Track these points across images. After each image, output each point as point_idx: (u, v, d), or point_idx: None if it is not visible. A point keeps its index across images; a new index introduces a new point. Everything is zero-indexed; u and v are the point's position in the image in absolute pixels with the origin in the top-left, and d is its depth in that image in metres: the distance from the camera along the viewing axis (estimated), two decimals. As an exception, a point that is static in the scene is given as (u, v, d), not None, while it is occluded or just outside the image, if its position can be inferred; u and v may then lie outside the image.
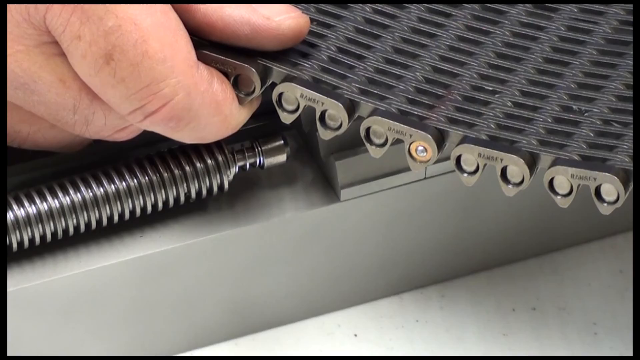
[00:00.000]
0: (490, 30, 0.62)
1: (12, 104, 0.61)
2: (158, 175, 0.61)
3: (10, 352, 0.64)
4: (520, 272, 0.67)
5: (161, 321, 0.63)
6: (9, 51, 0.59)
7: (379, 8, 0.63)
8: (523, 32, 0.62)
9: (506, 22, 0.63)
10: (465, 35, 0.62)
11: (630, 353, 0.67)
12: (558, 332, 0.65)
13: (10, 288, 0.62)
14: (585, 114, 0.58)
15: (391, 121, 0.57)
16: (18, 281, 0.62)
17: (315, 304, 0.65)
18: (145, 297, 0.63)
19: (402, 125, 0.57)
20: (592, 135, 0.57)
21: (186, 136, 0.59)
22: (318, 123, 0.59)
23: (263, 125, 0.62)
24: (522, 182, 0.56)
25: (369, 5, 0.63)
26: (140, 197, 0.61)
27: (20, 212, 0.60)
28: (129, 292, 0.62)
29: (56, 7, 0.57)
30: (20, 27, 0.58)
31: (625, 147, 0.57)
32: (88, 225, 0.61)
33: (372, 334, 0.65)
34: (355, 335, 0.65)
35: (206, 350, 0.66)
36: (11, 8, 0.58)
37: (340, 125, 0.58)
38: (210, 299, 0.64)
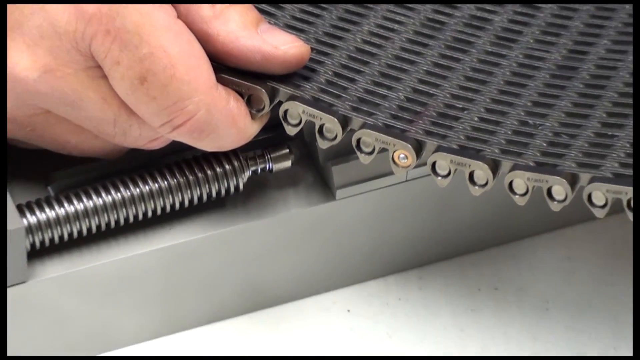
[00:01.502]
0: (460, 58, 0.62)
1: (62, 117, 0.60)
2: (184, 178, 0.61)
3: (60, 329, 0.62)
4: (485, 258, 0.67)
5: (187, 299, 0.63)
6: (60, 74, 0.58)
7: (368, 39, 0.62)
8: (488, 60, 0.62)
9: (474, 50, 0.63)
10: (439, 62, 0.62)
11: (575, 325, 0.65)
12: (516, 308, 0.65)
13: (63, 272, 0.60)
14: (539, 127, 0.58)
15: (378, 133, 0.57)
16: (69, 266, 0.61)
17: (315, 284, 0.65)
18: (174, 279, 0.62)
19: (386, 136, 0.57)
20: (544, 145, 0.57)
21: (207, 145, 0.59)
22: (317, 135, 0.59)
23: (271, 136, 0.62)
24: (486, 184, 0.56)
25: (359, 36, 0.62)
26: (170, 196, 0.61)
27: (70, 209, 0.59)
28: (160, 275, 0.62)
29: (99, 37, 0.57)
30: (70, 54, 0.57)
31: (572, 155, 0.57)
32: (126, 219, 0.60)
33: (362, 309, 0.65)
34: (348, 310, 0.65)
35: (224, 323, 0.65)
36: (62, 37, 0.57)
37: (336, 137, 0.58)
38: (228, 281, 0.63)
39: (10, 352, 0.62)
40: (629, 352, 0.65)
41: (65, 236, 0.60)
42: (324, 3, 0.66)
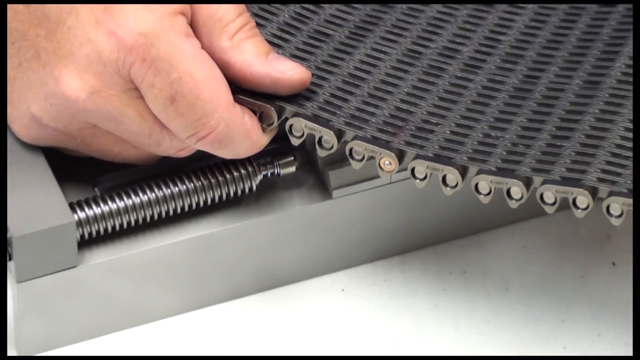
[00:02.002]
0: (435, 82, 0.62)
1: (106, 131, 0.60)
2: (207, 180, 0.61)
3: (103, 306, 0.62)
4: (455, 247, 0.67)
5: (209, 280, 0.63)
6: (104, 94, 0.58)
7: (359, 66, 0.62)
8: (457, 83, 0.63)
9: (446, 76, 0.63)
10: (417, 85, 0.62)
11: (530, 301, 0.65)
12: (481, 288, 0.65)
13: (107, 258, 0.60)
14: (500, 139, 0.59)
15: (367, 144, 0.58)
16: (112, 253, 0.61)
17: (315, 268, 0.65)
18: (199, 264, 0.63)
19: (374, 146, 0.58)
20: (504, 153, 0.58)
21: (226, 154, 0.60)
22: (317, 145, 0.59)
23: (279, 146, 0.62)
24: (456, 185, 0.57)
25: (352, 64, 0.62)
26: (195, 195, 0.61)
27: (113, 206, 0.60)
28: (187, 260, 0.62)
29: (137, 65, 0.57)
30: (113, 78, 0.57)
31: (527, 161, 0.57)
32: (159, 214, 0.61)
33: (354, 289, 0.65)
34: (343, 290, 0.65)
35: (240, 301, 0.64)
36: (107, 65, 0.57)
37: (332, 147, 0.59)
38: (242, 266, 0.64)
39: (62, 328, 0.62)
40: (574, 325, 0.64)
41: (109, 229, 0.60)
42: (318, 3, 0.66)
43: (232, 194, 0.62)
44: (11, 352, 0.62)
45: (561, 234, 0.68)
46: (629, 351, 0.63)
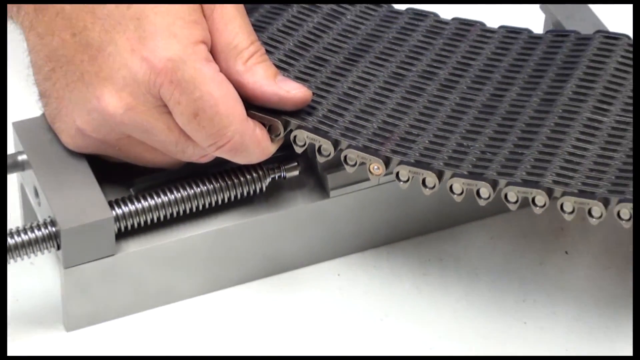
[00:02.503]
0: (416, 99, 0.63)
1: (140, 141, 0.59)
2: (225, 182, 0.61)
3: (136, 288, 0.62)
4: (433, 238, 0.67)
5: (225, 267, 0.63)
6: (138, 110, 0.58)
7: (352, 87, 0.62)
8: (435, 101, 0.63)
9: (425, 94, 0.63)
10: (401, 102, 0.62)
11: (495, 284, 0.64)
12: (453, 272, 0.65)
13: (140, 248, 0.60)
14: (470, 148, 0.59)
15: (358, 152, 0.58)
16: (145, 243, 0.60)
17: (314, 256, 0.65)
18: (217, 252, 0.63)
19: (365, 154, 0.58)
20: (474, 160, 0.58)
21: (240, 160, 0.60)
22: (317, 153, 0.60)
23: (285, 154, 0.62)
24: (434, 187, 0.58)
25: (346, 85, 0.62)
26: (215, 195, 0.61)
27: (145, 204, 0.60)
28: (208, 249, 0.62)
29: (166, 85, 0.56)
30: (145, 96, 0.57)
31: (493, 167, 0.58)
32: (184, 211, 0.61)
33: (347, 273, 0.65)
34: (338, 274, 0.65)
35: (251, 284, 0.64)
36: (140, 85, 0.57)
37: (330, 154, 0.59)
38: (253, 254, 0.64)
39: (101, 307, 0.61)
40: (534, 304, 0.64)
41: (142, 223, 0.60)
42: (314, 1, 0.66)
43: (245, 193, 0.62)
44: (59, 329, 0.62)
45: (522, 227, 0.67)
46: (580, 326, 0.63)
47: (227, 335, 0.62)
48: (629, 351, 0.61)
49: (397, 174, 0.58)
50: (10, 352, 0.60)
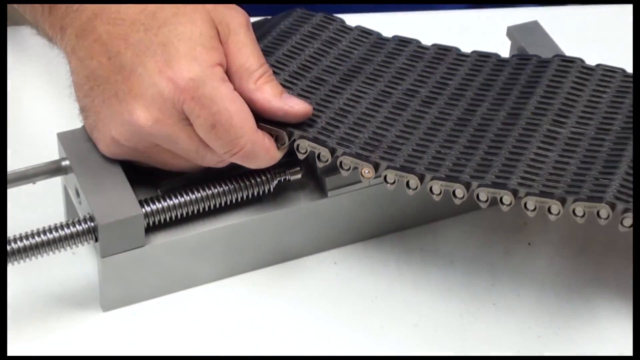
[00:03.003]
0: (401, 113, 0.62)
1: (166, 149, 0.59)
2: (239, 184, 0.61)
3: (162, 274, 0.61)
4: (415, 232, 0.66)
5: (239, 256, 0.63)
6: (165, 123, 0.57)
7: (346, 102, 0.62)
8: (417, 115, 0.63)
9: (409, 109, 0.63)
10: (388, 116, 0.62)
11: (468, 271, 0.64)
12: (434, 262, 0.65)
13: (166, 240, 0.60)
14: (447, 155, 0.59)
15: (352, 158, 0.59)
16: (170, 236, 0.60)
17: (314, 247, 0.65)
18: (232, 244, 0.62)
19: (357, 160, 0.58)
20: (450, 165, 0.58)
21: (251, 165, 0.59)
22: (316, 159, 0.59)
23: (289, 160, 0.61)
24: (416, 188, 0.58)
25: (341, 101, 0.62)
26: (230, 194, 0.61)
27: (170, 202, 0.60)
28: (224, 240, 0.62)
29: (188, 101, 0.56)
30: (170, 111, 0.57)
31: (467, 171, 0.58)
32: (203, 208, 0.61)
33: (342, 262, 0.65)
34: (335, 263, 0.64)
35: (260, 271, 0.64)
36: (166, 101, 0.57)
37: (327, 160, 0.59)
38: (262, 245, 0.63)
39: (132, 290, 0.61)
40: (501, 288, 0.63)
41: (168, 219, 0.60)
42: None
43: (255, 194, 0.62)
44: (97, 309, 0.61)
45: (491, 222, 0.67)
46: (541, 306, 0.62)
47: (241, 314, 0.62)
48: (581, 328, 0.61)
49: (385, 177, 0.58)
50: (54, 330, 0.60)
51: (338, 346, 0.60)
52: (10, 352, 0.58)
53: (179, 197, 0.60)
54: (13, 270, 0.59)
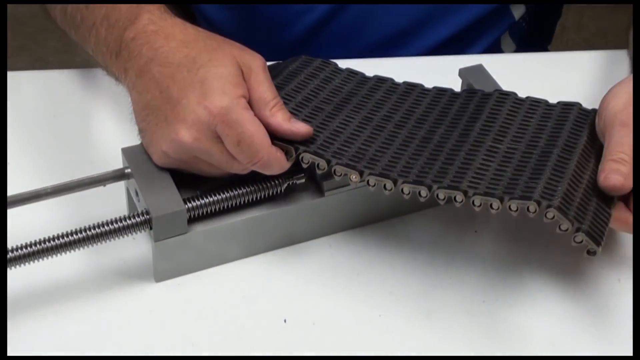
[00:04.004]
0: (380, 134, 0.62)
1: (203, 159, 0.58)
2: (258, 186, 0.61)
3: (199, 254, 0.60)
4: (392, 223, 0.65)
5: (258, 240, 0.63)
6: (202, 140, 0.56)
7: (339, 126, 0.62)
8: (392, 135, 0.62)
9: (386, 130, 0.63)
10: (370, 136, 0.62)
11: (434, 260, 0.62)
12: (406, 245, 0.64)
13: (203, 228, 0.59)
14: (415, 164, 0.59)
15: (343, 167, 0.58)
16: (206, 226, 0.60)
17: (313, 234, 0.64)
18: (253, 231, 0.62)
19: (347, 169, 0.58)
20: (417, 172, 0.59)
21: (267, 172, 0.59)
22: (316, 168, 0.59)
23: (295, 168, 0.61)
24: (391, 189, 0.58)
25: (336, 124, 0.62)
26: (251, 194, 0.61)
27: (207, 200, 0.59)
28: (245, 229, 0.62)
29: (220, 124, 0.56)
30: (206, 132, 0.57)
31: (430, 176, 0.58)
32: (231, 205, 0.60)
33: (336, 245, 0.64)
34: (330, 246, 0.64)
35: (271, 252, 0.62)
36: (203, 124, 0.56)
37: (324, 168, 0.59)
38: (275, 233, 0.63)
39: (178, 266, 0.60)
40: (457, 267, 0.62)
41: (205, 212, 0.60)
42: None
43: (270, 194, 0.61)
44: (151, 280, 0.61)
45: (447, 216, 0.66)
46: (486, 280, 0.61)
47: (258, 285, 0.62)
48: (515, 295, 0.61)
49: (368, 181, 0.58)
50: (118, 295, 0.59)
51: (333, 308, 0.60)
52: (87, 314, 0.57)
53: (213, 196, 0.60)
54: (89, 251, 0.59)
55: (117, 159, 0.62)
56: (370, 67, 0.70)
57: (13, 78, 0.73)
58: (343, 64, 0.70)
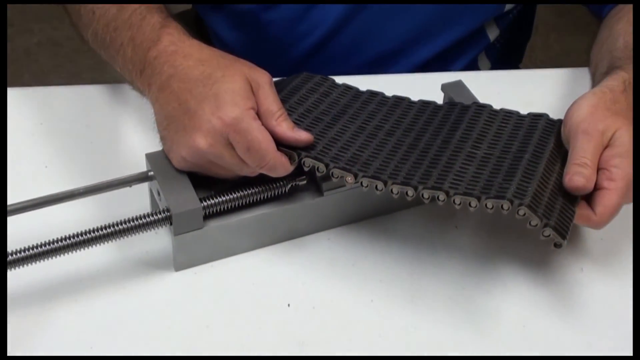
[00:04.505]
0: (371, 141, 0.62)
1: (216, 163, 0.57)
2: (265, 187, 0.60)
3: (214, 247, 0.60)
4: (381, 219, 0.65)
5: (265, 234, 0.62)
6: (216, 146, 0.56)
7: (336, 134, 0.62)
8: (382, 142, 0.62)
9: (377, 139, 0.62)
10: (363, 143, 0.62)
11: (417, 254, 0.62)
12: (392, 238, 0.64)
13: (217, 224, 0.59)
14: (402, 168, 0.59)
15: (340, 170, 0.58)
16: (219, 221, 0.59)
17: (314, 229, 0.64)
18: (261, 226, 0.61)
19: (343, 171, 0.58)
20: (405, 175, 0.58)
21: (273, 175, 0.58)
22: (316, 171, 0.59)
23: (298, 171, 0.61)
24: (382, 190, 0.57)
25: (333, 133, 0.62)
26: (259, 194, 0.60)
27: (220, 199, 0.59)
28: (255, 225, 0.61)
29: (231, 133, 0.56)
30: (220, 139, 0.56)
31: (415, 178, 0.57)
32: (242, 203, 0.60)
33: (333, 239, 0.63)
34: (328, 239, 0.63)
35: (277, 245, 0.62)
36: (217, 132, 0.55)
37: (323, 171, 0.59)
38: (280, 227, 0.62)
39: (194, 257, 0.59)
40: (439, 256, 0.62)
41: (218, 210, 0.59)
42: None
43: (276, 194, 0.61)
44: (171, 270, 0.60)
45: (430, 213, 0.66)
46: (465, 267, 0.61)
47: (265, 274, 0.61)
48: (491, 281, 0.61)
49: (361, 182, 0.58)
50: (142, 282, 0.59)
51: (330, 294, 0.60)
52: (115, 299, 0.57)
53: (226, 196, 0.60)
54: (117, 243, 0.59)
55: (141, 163, 0.62)
56: (364, 82, 0.70)
57: (51, 92, 0.73)
58: (340, 79, 0.70)
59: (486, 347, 0.55)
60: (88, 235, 0.56)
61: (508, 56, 0.89)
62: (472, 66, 0.86)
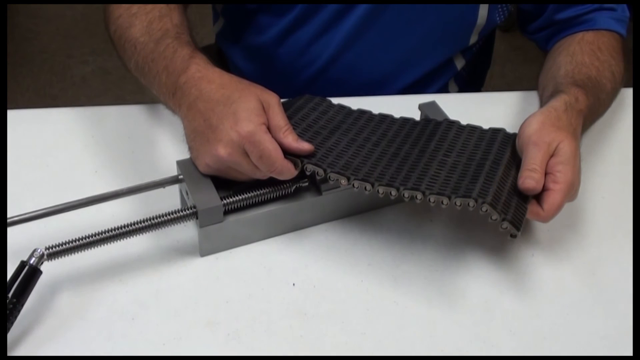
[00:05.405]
0: (361, 150, 0.61)
1: (234, 169, 0.56)
2: (274, 187, 0.60)
3: (232, 238, 0.58)
4: (368, 214, 0.64)
5: (274, 226, 0.61)
6: (234, 155, 0.55)
7: (332, 144, 0.61)
8: (370, 151, 0.61)
9: (366, 149, 0.61)
10: (355, 152, 0.61)
11: (402, 247, 0.61)
12: (378, 230, 0.62)
13: (235, 218, 0.57)
14: (386, 172, 0.58)
15: (335, 174, 0.58)
16: (236, 216, 0.58)
17: (314, 222, 0.63)
18: (271, 220, 0.60)
19: (338, 175, 0.58)
20: (388, 178, 0.57)
21: (280, 178, 0.57)
22: (316, 175, 0.58)
23: (301, 175, 0.60)
24: (370, 190, 0.57)
25: (330, 144, 0.61)
26: (269, 194, 0.60)
27: (237, 198, 0.58)
28: (264, 219, 0.60)
29: (247, 144, 0.54)
30: (237, 149, 0.55)
31: (397, 181, 0.57)
32: (255, 201, 0.59)
33: (330, 231, 0.63)
34: (326, 230, 0.62)
35: (282, 236, 0.60)
36: (234, 143, 0.54)
37: (322, 175, 0.58)
38: (286, 221, 0.61)
39: (216, 245, 0.58)
40: (416, 245, 0.60)
41: (237, 207, 0.59)
42: None
43: (283, 194, 0.60)
44: (197, 255, 0.59)
45: (409, 209, 0.65)
46: (438, 255, 0.60)
47: (274, 259, 0.60)
48: (460, 265, 0.60)
49: (353, 184, 0.57)
50: (173, 265, 0.58)
51: (328, 275, 0.59)
52: (151, 280, 0.56)
53: (242, 195, 0.59)
54: (153, 234, 0.59)
55: (173, 169, 0.62)
56: (355, 103, 0.70)
57: (100, 112, 0.73)
58: (335, 100, 0.70)
59: (455, 318, 0.56)
60: (130, 227, 0.56)
61: (472, 82, 0.90)
62: (444, 90, 0.86)
